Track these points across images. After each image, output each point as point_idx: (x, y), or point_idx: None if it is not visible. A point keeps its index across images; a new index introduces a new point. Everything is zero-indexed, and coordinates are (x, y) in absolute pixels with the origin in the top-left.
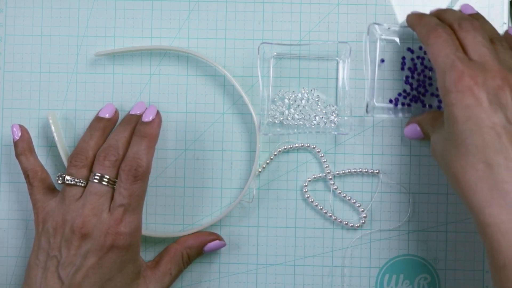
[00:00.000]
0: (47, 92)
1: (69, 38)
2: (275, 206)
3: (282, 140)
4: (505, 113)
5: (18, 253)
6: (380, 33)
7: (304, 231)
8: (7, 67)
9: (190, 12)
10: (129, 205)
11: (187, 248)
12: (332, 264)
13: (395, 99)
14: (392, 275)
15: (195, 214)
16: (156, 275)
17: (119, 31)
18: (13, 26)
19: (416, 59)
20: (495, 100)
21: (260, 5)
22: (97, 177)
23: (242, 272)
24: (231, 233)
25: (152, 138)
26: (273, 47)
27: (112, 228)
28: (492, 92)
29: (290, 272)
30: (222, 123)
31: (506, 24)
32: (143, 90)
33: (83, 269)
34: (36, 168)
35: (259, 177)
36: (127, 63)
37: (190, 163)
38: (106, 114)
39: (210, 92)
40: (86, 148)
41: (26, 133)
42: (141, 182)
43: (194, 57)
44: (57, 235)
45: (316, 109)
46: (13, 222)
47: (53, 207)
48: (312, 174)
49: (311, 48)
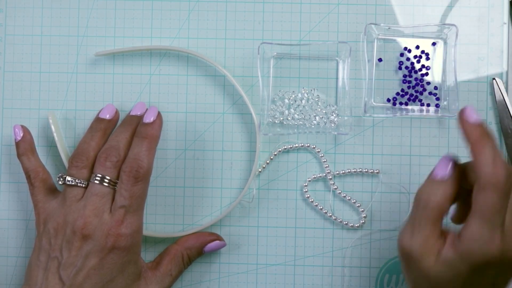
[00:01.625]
0: (47, 92)
1: (69, 38)
2: (275, 206)
3: (282, 140)
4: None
5: (18, 253)
6: (378, 33)
7: (304, 231)
8: (7, 67)
9: (190, 12)
10: (130, 206)
11: (188, 249)
12: (332, 264)
13: (393, 98)
14: (392, 275)
15: (195, 214)
16: (157, 276)
17: (119, 31)
18: (13, 26)
19: (413, 58)
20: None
21: (260, 5)
22: (98, 178)
23: (242, 272)
24: (231, 233)
25: (153, 139)
26: (273, 47)
27: (113, 229)
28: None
29: (290, 272)
30: (222, 123)
31: (506, 24)
32: (143, 90)
33: (84, 270)
34: (37, 168)
35: (259, 177)
36: (127, 63)
37: (190, 163)
38: (106, 115)
39: (210, 92)
40: (87, 149)
41: (28, 133)
42: (142, 183)
43: (194, 57)
44: (58, 236)
45: (316, 109)
46: (13, 222)
47: (54, 208)
48: (312, 174)
49: (311, 48)
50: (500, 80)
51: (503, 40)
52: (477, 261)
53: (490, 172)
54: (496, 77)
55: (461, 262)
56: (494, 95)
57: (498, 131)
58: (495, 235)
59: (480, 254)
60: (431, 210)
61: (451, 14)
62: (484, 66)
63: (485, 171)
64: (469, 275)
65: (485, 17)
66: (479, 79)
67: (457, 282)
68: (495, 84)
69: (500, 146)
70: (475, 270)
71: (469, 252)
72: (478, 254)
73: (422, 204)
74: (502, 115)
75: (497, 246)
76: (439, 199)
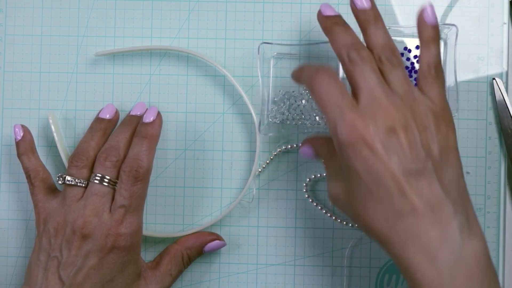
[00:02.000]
0: (47, 92)
1: (69, 38)
2: (275, 206)
3: (282, 140)
4: (401, 158)
5: (18, 253)
6: None
7: (304, 231)
8: (7, 67)
9: (190, 12)
10: (130, 206)
11: (187, 249)
12: (332, 264)
13: None
14: (392, 275)
15: (195, 214)
16: (157, 275)
17: (119, 31)
18: (13, 26)
19: (413, 58)
20: (389, 146)
21: (260, 5)
22: (98, 178)
23: (242, 272)
24: (231, 233)
25: (153, 139)
26: (273, 47)
27: (113, 229)
28: (385, 138)
29: (290, 272)
30: (222, 123)
31: (506, 24)
32: (143, 90)
33: (84, 269)
34: (37, 168)
35: (259, 177)
36: (127, 63)
37: (190, 163)
38: (106, 115)
39: (210, 92)
40: (87, 148)
41: (28, 133)
42: (141, 183)
43: (194, 57)
44: (58, 236)
45: (316, 108)
46: (13, 222)
47: (54, 207)
48: (312, 174)
49: (311, 48)
50: (500, 80)
51: (503, 40)
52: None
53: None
54: (496, 77)
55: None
56: (494, 95)
57: (498, 131)
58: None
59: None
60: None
61: (451, 14)
62: (484, 66)
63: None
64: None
65: (485, 17)
66: (479, 79)
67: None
68: (495, 84)
69: (500, 146)
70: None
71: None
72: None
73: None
74: (502, 115)
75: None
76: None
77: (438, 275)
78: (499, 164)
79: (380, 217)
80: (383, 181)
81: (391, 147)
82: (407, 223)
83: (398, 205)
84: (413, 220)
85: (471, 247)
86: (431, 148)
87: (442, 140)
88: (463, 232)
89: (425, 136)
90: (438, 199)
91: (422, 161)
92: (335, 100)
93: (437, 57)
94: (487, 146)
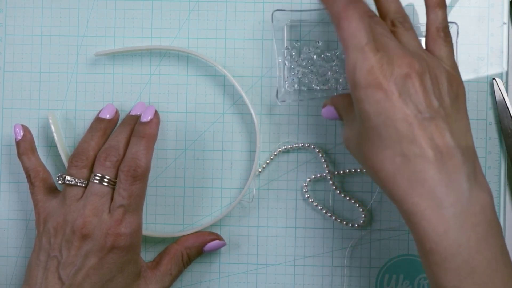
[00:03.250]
0: (47, 92)
1: (69, 38)
2: (275, 206)
3: (282, 140)
4: (415, 103)
5: (18, 253)
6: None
7: (304, 231)
8: (7, 67)
9: (190, 12)
10: (129, 206)
11: (187, 248)
12: (332, 264)
13: None
14: (392, 275)
15: (195, 214)
16: (157, 275)
17: (119, 31)
18: (13, 26)
19: None
20: (404, 91)
21: (260, 5)
22: (98, 178)
23: (242, 272)
24: (231, 233)
25: (151, 138)
26: (286, 13)
27: (113, 228)
28: (400, 82)
29: (290, 272)
30: (222, 123)
31: (506, 24)
32: (143, 90)
33: (83, 269)
34: (38, 168)
35: (259, 177)
36: (127, 63)
37: (190, 163)
38: (106, 115)
39: (210, 92)
40: (87, 148)
41: (28, 133)
42: (140, 182)
43: (194, 57)
44: (58, 236)
45: (333, 75)
46: (13, 222)
47: (54, 207)
48: (312, 174)
49: (325, 14)
50: (500, 80)
51: (503, 40)
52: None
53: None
54: (496, 77)
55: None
56: (494, 95)
57: (498, 131)
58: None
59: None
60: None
61: (451, 14)
62: (484, 66)
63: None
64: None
65: (485, 17)
66: (479, 79)
67: None
68: (495, 84)
69: (500, 146)
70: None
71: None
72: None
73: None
74: (502, 115)
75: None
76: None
77: (444, 223)
78: (499, 164)
79: (387, 159)
80: (395, 123)
81: (406, 92)
82: (415, 166)
83: (407, 148)
84: (421, 164)
85: (478, 198)
86: (443, 99)
87: (453, 94)
88: (471, 183)
89: (438, 87)
90: (448, 147)
91: (434, 108)
92: (359, 42)
93: (444, 20)
94: (487, 146)
